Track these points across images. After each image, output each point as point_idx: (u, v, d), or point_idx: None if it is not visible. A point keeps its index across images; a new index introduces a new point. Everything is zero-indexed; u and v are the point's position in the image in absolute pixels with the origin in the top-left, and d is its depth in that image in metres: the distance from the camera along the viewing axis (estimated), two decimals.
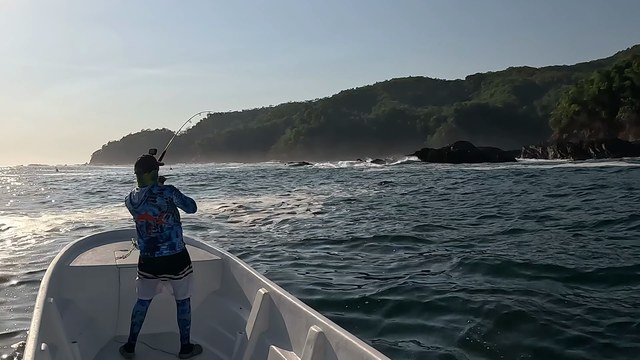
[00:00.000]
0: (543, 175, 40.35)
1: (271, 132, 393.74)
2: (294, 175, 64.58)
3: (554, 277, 8.83)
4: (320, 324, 4.18)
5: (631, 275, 8.83)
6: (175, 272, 5.40)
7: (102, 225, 17.10)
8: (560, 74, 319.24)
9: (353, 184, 39.59)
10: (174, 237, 5.35)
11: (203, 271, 6.26)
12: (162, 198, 5.27)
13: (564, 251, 10.90)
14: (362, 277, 9.33)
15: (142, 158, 5.40)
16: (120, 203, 24.73)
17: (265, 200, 26.04)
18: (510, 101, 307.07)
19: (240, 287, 6.04)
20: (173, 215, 5.37)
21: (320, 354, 4.04)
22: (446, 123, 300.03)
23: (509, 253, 10.89)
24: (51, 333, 4.36)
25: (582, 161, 70.13)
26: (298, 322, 4.58)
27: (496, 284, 8.56)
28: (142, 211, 5.28)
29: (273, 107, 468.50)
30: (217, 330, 5.88)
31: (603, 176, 36.86)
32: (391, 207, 21.11)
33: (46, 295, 4.73)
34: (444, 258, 10.55)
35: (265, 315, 5.18)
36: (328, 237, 13.82)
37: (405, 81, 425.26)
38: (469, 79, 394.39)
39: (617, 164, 56.20)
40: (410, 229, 14.65)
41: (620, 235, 12.79)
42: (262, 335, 5.13)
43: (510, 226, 14.76)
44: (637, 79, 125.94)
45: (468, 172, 50.85)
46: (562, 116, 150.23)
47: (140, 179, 5.31)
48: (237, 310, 5.85)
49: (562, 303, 7.43)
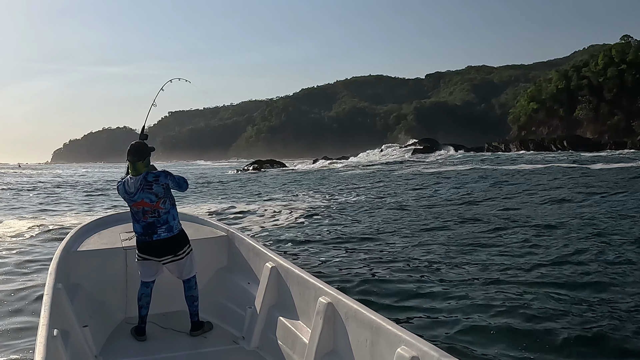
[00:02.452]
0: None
1: (232, 130, 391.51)
2: (252, 186, 38.59)
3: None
4: (328, 294, 4.19)
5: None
6: (175, 252, 5.41)
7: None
8: (517, 73, 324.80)
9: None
10: (171, 220, 5.37)
11: (209, 248, 6.35)
12: (158, 185, 5.26)
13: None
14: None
15: (135, 146, 5.32)
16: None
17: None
18: (469, 99, 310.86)
19: (247, 262, 6.07)
20: (169, 200, 5.40)
21: (330, 324, 4.06)
22: (406, 121, 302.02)
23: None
24: (62, 319, 4.37)
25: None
26: (306, 293, 4.60)
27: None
28: (138, 199, 5.26)
29: (234, 105, 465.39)
30: (227, 306, 5.91)
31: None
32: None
33: (55, 281, 4.73)
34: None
35: (273, 288, 5.20)
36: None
37: (365, 79, 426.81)
38: (429, 78, 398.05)
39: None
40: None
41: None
42: (272, 308, 5.16)
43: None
44: (594, 78, 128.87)
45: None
46: (521, 114, 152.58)
47: (134, 168, 5.27)
48: (245, 285, 5.89)
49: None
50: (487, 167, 41.51)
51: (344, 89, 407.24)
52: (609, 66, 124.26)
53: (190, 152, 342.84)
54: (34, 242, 13.21)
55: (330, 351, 4.08)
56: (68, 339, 4.23)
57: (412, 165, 51.84)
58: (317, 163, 74.91)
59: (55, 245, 8.43)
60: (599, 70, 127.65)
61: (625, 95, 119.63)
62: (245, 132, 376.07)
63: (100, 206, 23.17)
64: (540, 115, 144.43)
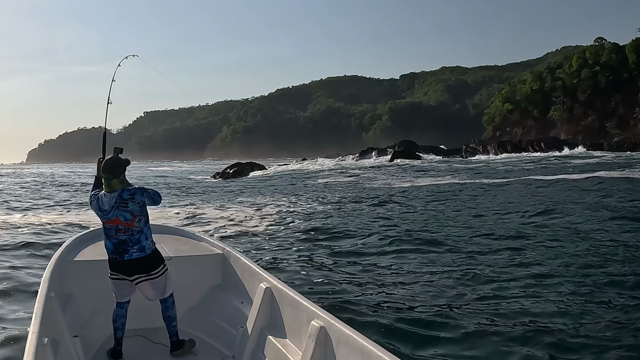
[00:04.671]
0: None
1: (208, 130, 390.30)
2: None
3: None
4: (321, 318, 4.18)
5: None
6: (148, 272, 5.25)
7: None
8: (491, 74, 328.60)
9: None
10: (143, 240, 5.19)
11: (204, 265, 6.34)
12: (134, 203, 5.10)
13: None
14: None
15: (109, 162, 5.11)
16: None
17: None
18: (443, 100, 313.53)
19: (241, 281, 6.06)
20: (144, 217, 5.25)
21: (321, 348, 4.06)
22: (381, 121, 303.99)
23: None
24: (53, 327, 4.38)
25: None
26: (299, 316, 4.58)
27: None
28: (112, 217, 5.10)
29: (210, 105, 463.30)
30: (218, 325, 5.88)
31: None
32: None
33: (48, 289, 4.75)
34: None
35: (266, 309, 5.18)
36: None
37: (340, 80, 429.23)
38: (403, 78, 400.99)
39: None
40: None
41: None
42: (263, 329, 5.13)
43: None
44: (568, 79, 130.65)
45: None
46: (495, 114, 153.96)
47: (109, 185, 5.07)
48: (238, 304, 5.87)
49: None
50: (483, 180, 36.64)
51: (319, 89, 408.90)
52: (583, 68, 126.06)
53: (165, 153, 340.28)
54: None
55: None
56: (58, 348, 4.24)
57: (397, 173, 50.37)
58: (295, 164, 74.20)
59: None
60: (573, 71, 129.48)
61: (599, 96, 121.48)
62: (221, 132, 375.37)
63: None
64: (515, 115, 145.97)
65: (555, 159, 59.29)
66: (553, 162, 53.24)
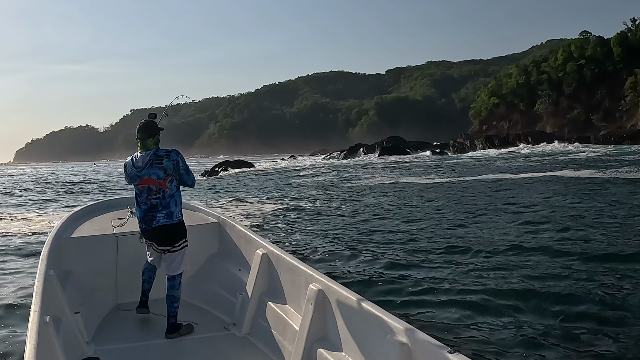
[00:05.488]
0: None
1: (195, 127, 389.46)
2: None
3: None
4: (319, 281, 4.22)
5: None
6: (170, 244, 5.22)
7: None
8: (477, 68, 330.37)
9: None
10: (172, 206, 5.17)
11: (201, 234, 6.35)
12: (169, 160, 5.11)
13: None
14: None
15: (144, 123, 5.20)
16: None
17: None
18: (429, 94, 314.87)
19: (238, 249, 6.08)
20: (176, 180, 5.22)
21: (320, 310, 4.10)
22: (367, 116, 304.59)
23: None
24: (54, 305, 4.38)
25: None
26: (297, 280, 4.63)
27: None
28: (145, 175, 5.10)
29: (196, 102, 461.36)
30: (218, 292, 5.92)
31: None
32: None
33: (46, 267, 4.75)
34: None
35: (264, 275, 5.22)
36: None
37: (326, 75, 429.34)
38: (389, 73, 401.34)
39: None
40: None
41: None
42: (262, 295, 5.17)
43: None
44: (553, 72, 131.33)
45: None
46: (482, 108, 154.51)
47: (144, 145, 5.14)
48: (236, 271, 5.88)
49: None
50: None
51: (306, 85, 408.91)
52: (568, 61, 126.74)
53: None
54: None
55: (320, 337, 4.11)
56: (60, 325, 4.24)
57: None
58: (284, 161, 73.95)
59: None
60: (558, 65, 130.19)
61: (584, 89, 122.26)
62: (208, 129, 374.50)
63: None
64: (501, 109, 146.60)
65: (561, 154, 58.06)
66: (558, 157, 52.03)
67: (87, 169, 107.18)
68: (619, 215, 14.25)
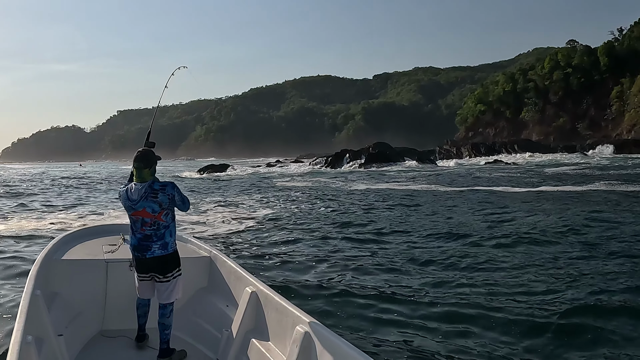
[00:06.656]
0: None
1: (181, 129, 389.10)
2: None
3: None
4: (306, 323, 4.20)
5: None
6: (163, 273, 5.16)
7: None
8: (463, 74, 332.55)
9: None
10: (167, 237, 5.13)
11: (191, 268, 6.23)
12: (164, 194, 5.03)
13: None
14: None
15: (142, 153, 5.11)
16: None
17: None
18: (416, 100, 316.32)
19: (227, 285, 6.07)
20: (172, 213, 5.18)
21: (305, 353, 4.07)
22: (354, 121, 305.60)
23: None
24: (38, 325, 4.37)
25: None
26: (284, 321, 4.60)
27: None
28: (139, 207, 5.02)
29: (183, 104, 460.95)
30: (203, 327, 5.86)
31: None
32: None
33: (33, 287, 4.72)
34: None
35: (251, 313, 5.18)
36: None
37: (314, 79, 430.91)
38: (376, 78, 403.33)
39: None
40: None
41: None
42: (248, 333, 5.11)
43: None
44: (540, 81, 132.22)
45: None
46: (468, 115, 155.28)
47: (140, 175, 5.02)
48: (224, 307, 5.85)
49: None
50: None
51: (293, 89, 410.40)
52: (555, 70, 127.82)
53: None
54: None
55: None
56: (42, 346, 4.24)
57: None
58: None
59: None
60: (545, 73, 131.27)
61: (571, 98, 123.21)
62: (194, 132, 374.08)
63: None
64: (487, 116, 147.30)
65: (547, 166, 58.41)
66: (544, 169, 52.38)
67: (74, 168, 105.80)
68: (603, 229, 13.76)
